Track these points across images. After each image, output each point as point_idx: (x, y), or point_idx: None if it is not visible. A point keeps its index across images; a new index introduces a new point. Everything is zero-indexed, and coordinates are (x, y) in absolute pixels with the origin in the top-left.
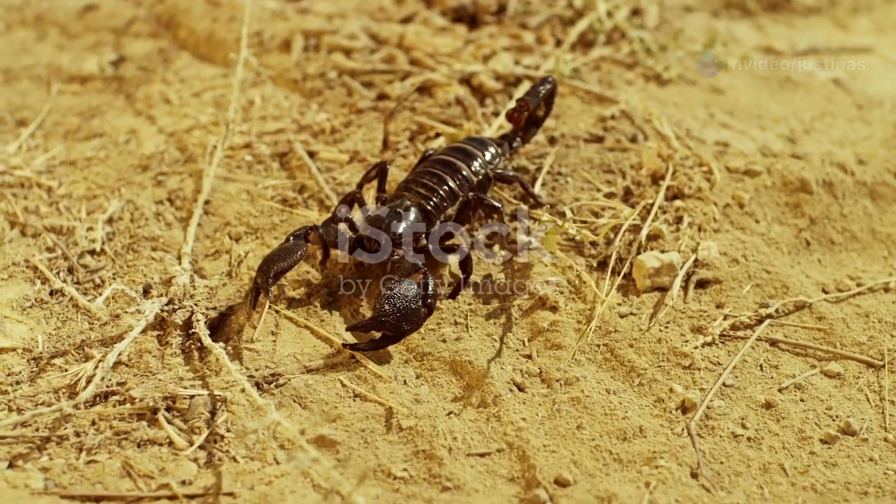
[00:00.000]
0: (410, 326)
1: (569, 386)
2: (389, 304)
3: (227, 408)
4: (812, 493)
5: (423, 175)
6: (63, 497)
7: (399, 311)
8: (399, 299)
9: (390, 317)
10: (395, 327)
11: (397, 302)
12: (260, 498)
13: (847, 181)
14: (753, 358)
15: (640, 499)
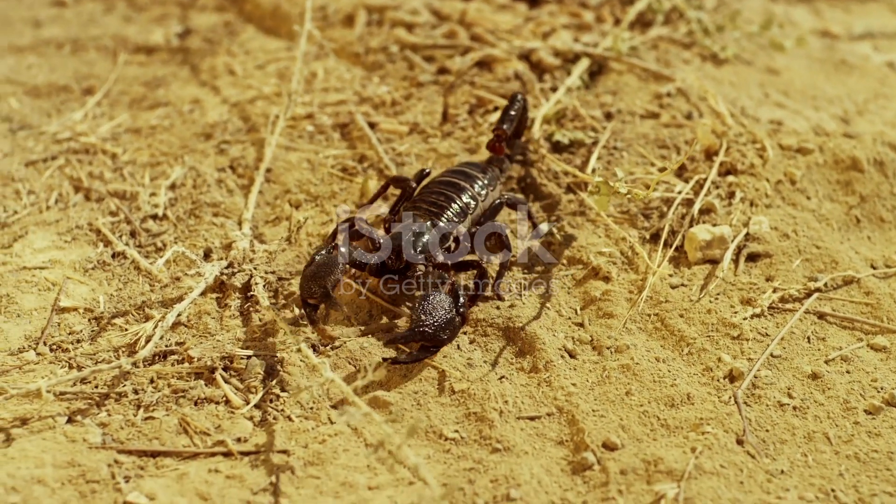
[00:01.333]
0: (447, 336)
1: (619, 353)
2: (426, 315)
3: (282, 368)
4: (855, 462)
5: (430, 195)
6: (120, 451)
7: (436, 322)
8: (435, 310)
9: (428, 327)
10: (434, 337)
11: (434, 312)
12: (313, 456)
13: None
14: (801, 330)
15: (686, 463)
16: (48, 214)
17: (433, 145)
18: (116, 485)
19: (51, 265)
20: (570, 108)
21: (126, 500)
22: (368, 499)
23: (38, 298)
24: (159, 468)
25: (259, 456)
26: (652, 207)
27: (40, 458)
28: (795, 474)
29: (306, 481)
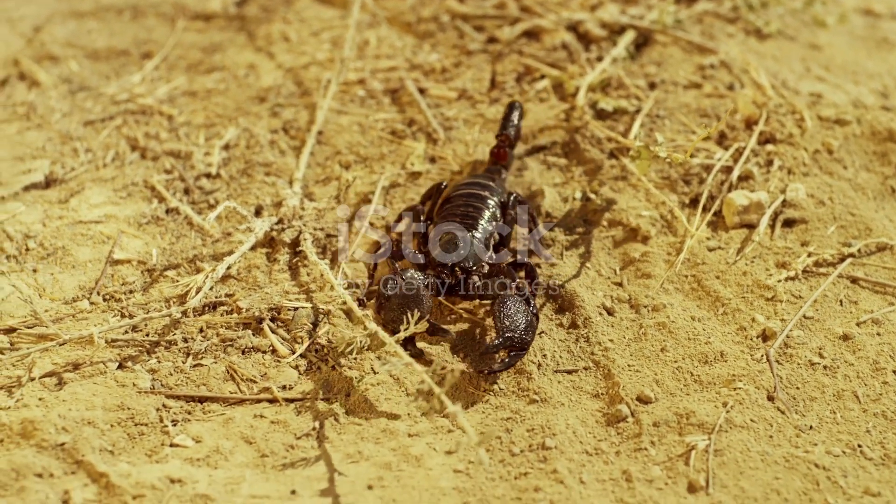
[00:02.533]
0: (531, 337)
1: (656, 312)
2: (511, 321)
3: (328, 320)
4: (882, 420)
5: (457, 207)
6: (168, 396)
7: (522, 327)
8: (516, 316)
9: (515, 333)
10: (522, 341)
11: (517, 319)
12: (355, 403)
13: None
14: (834, 293)
15: (717, 417)
16: (104, 172)
17: (480, 111)
18: (164, 428)
19: (106, 220)
20: (614, 77)
21: (173, 442)
22: (408, 445)
23: (93, 251)
24: (206, 413)
25: (303, 403)
26: (692, 174)
27: (91, 401)
28: (824, 430)
29: (348, 427)
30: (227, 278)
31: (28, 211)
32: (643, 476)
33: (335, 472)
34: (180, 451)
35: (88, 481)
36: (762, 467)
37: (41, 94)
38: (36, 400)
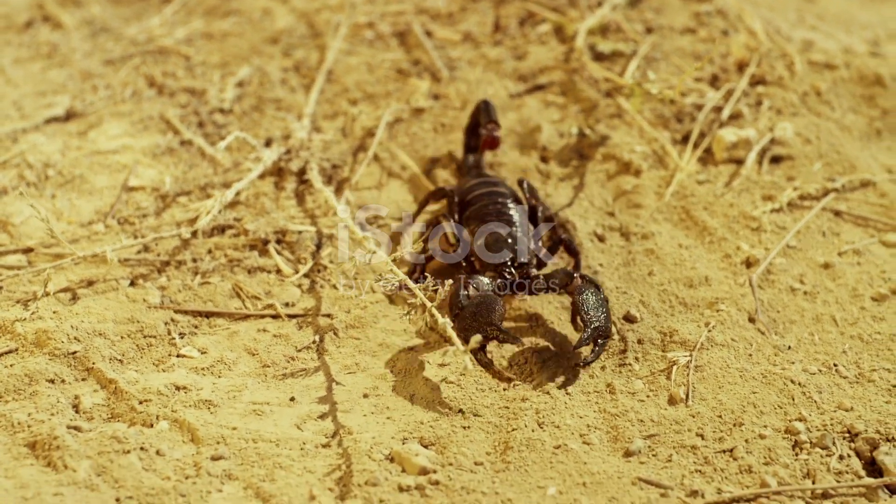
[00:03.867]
0: (611, 323)
1: (645, 239)
2: (595, 311)
3: (331, 243)
4: (858, 342)
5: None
6: (176, 311)
7: (603, 316)
8: (596, 306)
9: (602, 322)
10: (606, 329)
11: (600, 309)
12: (354, 319)
13: None
14: (817, 225)
15: (699, 335)
16: (122, 107)
17: (483, 52)
18: (171, 340)
19: (122, 150)
20: (613, 22)
21: (180, 353)
22: (403, 358)
23: (109, 179)
24: (212, 327)
25: (305, 318)
26: (684, 113)
27: (103, 314)
28: (801, 350)
29: (347, 341)
30: (235, 204)
31: (48, 142)
32: (626, 389)
33: (333, 382)
34: (186, 361)
35: (98, 387)
36: (740, 382)
37: (64, 35)
38: (50, 313)
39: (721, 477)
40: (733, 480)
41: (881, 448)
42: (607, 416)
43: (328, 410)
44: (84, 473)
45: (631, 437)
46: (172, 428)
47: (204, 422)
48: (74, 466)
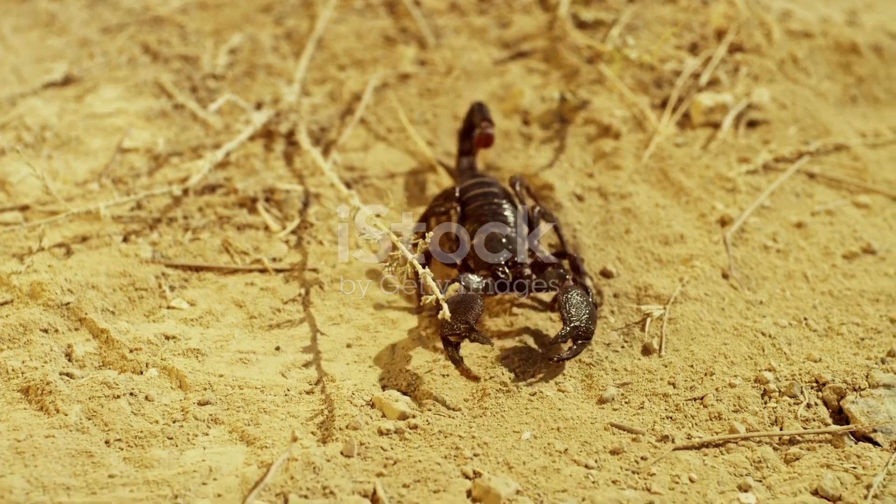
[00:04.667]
0: (594, 326)
1: (622, 199)
2: (576, 311)
3: (318, 201)
4: (829, 297)
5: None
6: (167, 266)
7: (586, 316)
8: (580, 306)
9: (583, 323)
10: (587, 330)
11: (582, 309)
12: (338, 273)
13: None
14: (791, 186)
15: (674, 290)
16: (118, 72)
17: (469, 20)
18: (162, 293)
19: (117, 113)
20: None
21: (170, 305)
22: (385, 310)
23: (104, 140)
24: (201, 280)
25: (291, 272)
26: (664, 79)
27: (96, 268)
28: (773, 305)
29: (331, 295)
30: (226, 165)
31: (46, 105)
32: (601, 340)
33: (317, 332)
34: (176, 312)
35: (90, 337)
36: (712, 334)
37: (62, 4)
38: (45, 266)
39: (691, 423)
40: (703, 427)
41: (848, 397)
42: (582, 366)
43: (312, 359)
44: (75, 417)
45: (605, 385)
46: (161, 375)
47: (192, 369)
48: (66, 410)
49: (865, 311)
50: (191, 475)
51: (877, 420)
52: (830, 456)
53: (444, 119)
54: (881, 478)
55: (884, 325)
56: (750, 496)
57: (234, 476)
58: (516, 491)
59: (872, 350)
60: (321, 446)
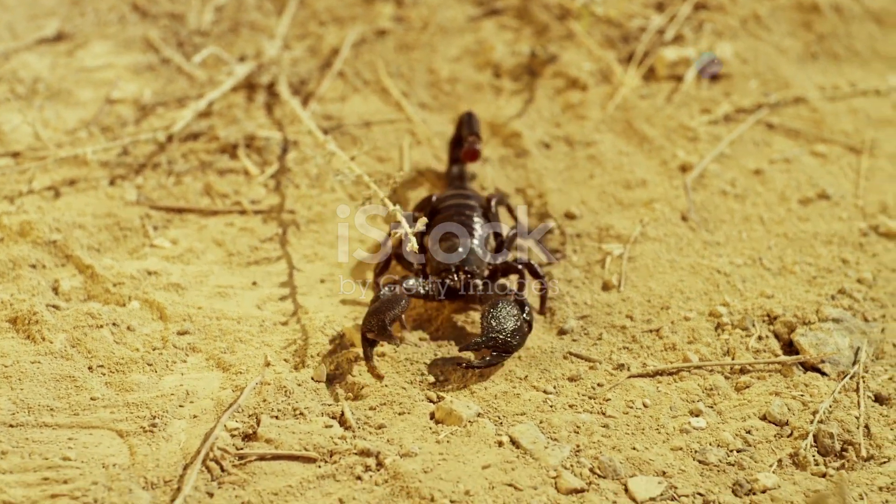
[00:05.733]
0: (517, 342)
1: (588, 147)
2: (497, 322)
3: (296, 148)
4: (783, 239)
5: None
6: (151, 207)
7: (506, 329)
8: (506, 319)
9: (500, 335)
10: (505, 344)
11: (504, 321)
12: (314, 214)
13: (855, 8)
14: (750, 136)
15: (634, 230)
16: (108, 29)
17: None
18: (145, 232)
19: (107, 67)
20: None
21: (152, 243)
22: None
23: (94, 93)
24: (183, 221)
25: (269, 214)
26: (631, 35)
27: (83, 209)
28: (729, 245)
29: (307, 234)
30: (209, 114)
31: (38, 60)
32: (563, 277)
33: (293, 269)
34: (158, 250)
35: (76, 272)
36: (669, 272)
37: None
38: (34, 207)
39: (647, 353)
40: (658, 357)
41: (798, 330)
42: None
43: (287, 293)
44: (60, 345)
45: (565, 318)
46: (143, 307)
47: (172, 302)
48: (51, 339)
49: (818, 252)
50: (168, 398)
51: (825, 352)
52: (779, 384)
53: (419, 72)
54: (827, 404)
55: (835, 265)
56: (701, 420)
57: (209, 399)
58: (477, 413)
59: (824, 288)
60: (293, 372)
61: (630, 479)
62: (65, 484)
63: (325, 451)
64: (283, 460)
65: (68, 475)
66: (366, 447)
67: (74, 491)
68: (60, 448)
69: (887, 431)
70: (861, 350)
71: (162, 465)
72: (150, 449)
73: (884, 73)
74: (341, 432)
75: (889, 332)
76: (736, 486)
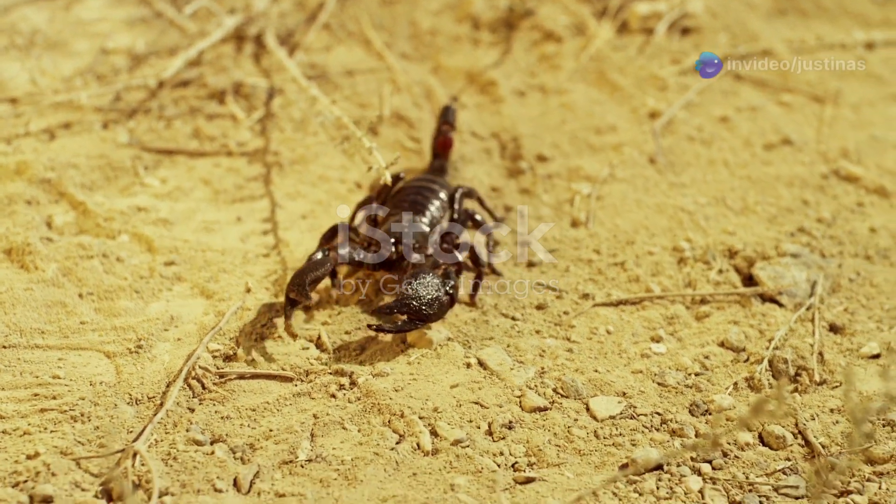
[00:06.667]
0: (433, 312)
1: (561, 95)
2: (412, 289)
3: (282, 94)
4: (747, 182)
5: (407, 198)
6: (142, 149)
7: (422, 297)
8: (422, 286)
9: (413, 301)
10: (418, 311)
11: (420, 288)
12: (297, 156)
13: None
14: (719, 86)
15: (603, 171)
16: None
17: None
18: (136, 172)
19: (102, 20)
20: None
21: (142, 182)
22: (338, 187)
23: (89, 44)
24: (173, 162)
25: (255, 155)
26: None
27: (77, 150)
28: (694, 187)
29: (291, 175)
30: (199, 63)
31: (37, 13)
32: (534, 213)
33: (276, 206)
34: (148, 189)
35: (69, 208)
36: (636, 210)
37: None
38: (30, 148)
39: (612, 285)
40: (622, 288)
41: (757, 264)
42: (515, 235)
43: (270, 228)
44: (52, 273)
45: (534, 252)
46: (132, 240)
47: (160, 235)
48: (44, 268)
49: (780, 193)
50: (154, 322)
51: (783, 284)
52: (738, 314)
53: (401, 25)
54: (783, 332)
55: (796, 205)
56: (661, 346)
57: (193, 324)
58: (447, 338)
59: (784, 226)
60: (274, 299)
61: (591, 399)
62: (54, 399)
63: (302, 371)
64: (262, 379)
65: (57, 391)
66: (340, 368)
67: (62, 406)
68: (50, 367)
69: (840, 358)
70: (818, 283)
71: (146, 383)
72: (136, 368)
73: (850, 28)
74: (317, 354)
75: (845, 268)
76: (693, 406)
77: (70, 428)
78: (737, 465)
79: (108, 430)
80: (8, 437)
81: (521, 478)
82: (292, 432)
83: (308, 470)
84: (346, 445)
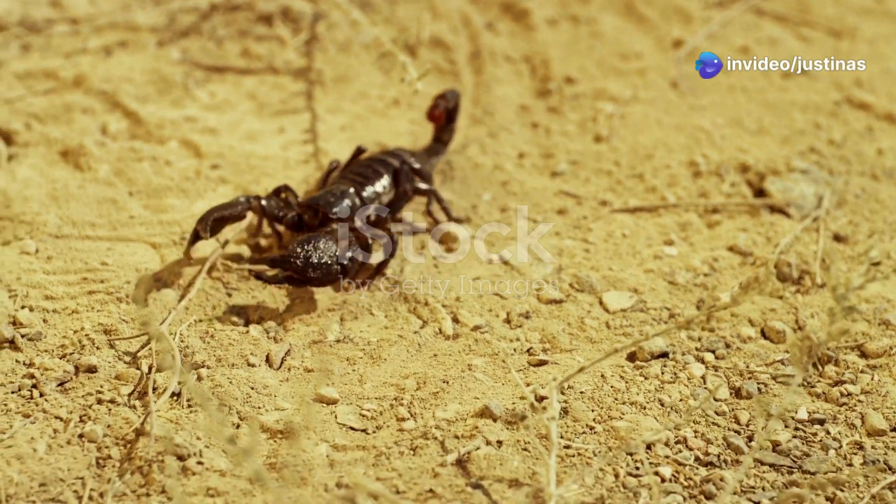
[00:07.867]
0: (317, 276)
1: (590, 24)
2: (302, 249)
3: (326, 19)
4: (763, 107)
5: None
6: (193, 65)
7: (309, 259)
8: (313, 250)
9: (297, 260)
10: (300, 270)
11: (308, 248)
12: (339, 75)
13: None
14: (741, 21)
15: (626, 93)
16: None
17: None
18: (186, 87)
19: None
20: None
21: (193, 95)
22: (376, 104)
23: None
24: (221, 78)
25: (299, 74)
26: None
27: (131, 66)
28: (713, 109)
29: (332, 91)
30: None
31: None
32: (559, 129)
33: (317, 119)
34: (197, 101)
35: (122, 117)
36: (656, 128)
37: None
38: (88, 64)
39: (629, 194)
40: (639, 197)
41: (768, 179)
42: (541, 147)
43: (310, 138)
44: (104, 173)
45: (558, 163)
46: (181, 146)
47: (207, 142)
48: (97, 168)
49: (794, 117)
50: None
51: (791, 197)
52: (747, 223)
53: None
54: (788, 239)
55: (809, 128)
56: (673, 249)
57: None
58: (471, 236)
59: (795, 146)
60: None
61: (605, 293)
62: (101, 283)
63: None
64: None
65: (104, 276)
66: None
67: (109, 288)
68: (99, 255)
69: (842, 264)
70: (824, 197)
71: (189, 273)
72: (180, 258)
73: None
74: None
75: (852, 185)
76: (700, 302)
77: (115, 308)
78: (738, 355)
79: (150, 310)
80: (57, 315)
81: (535, 360)
82: (323, 316)
83: (336, 349)
84: (373, 329)
